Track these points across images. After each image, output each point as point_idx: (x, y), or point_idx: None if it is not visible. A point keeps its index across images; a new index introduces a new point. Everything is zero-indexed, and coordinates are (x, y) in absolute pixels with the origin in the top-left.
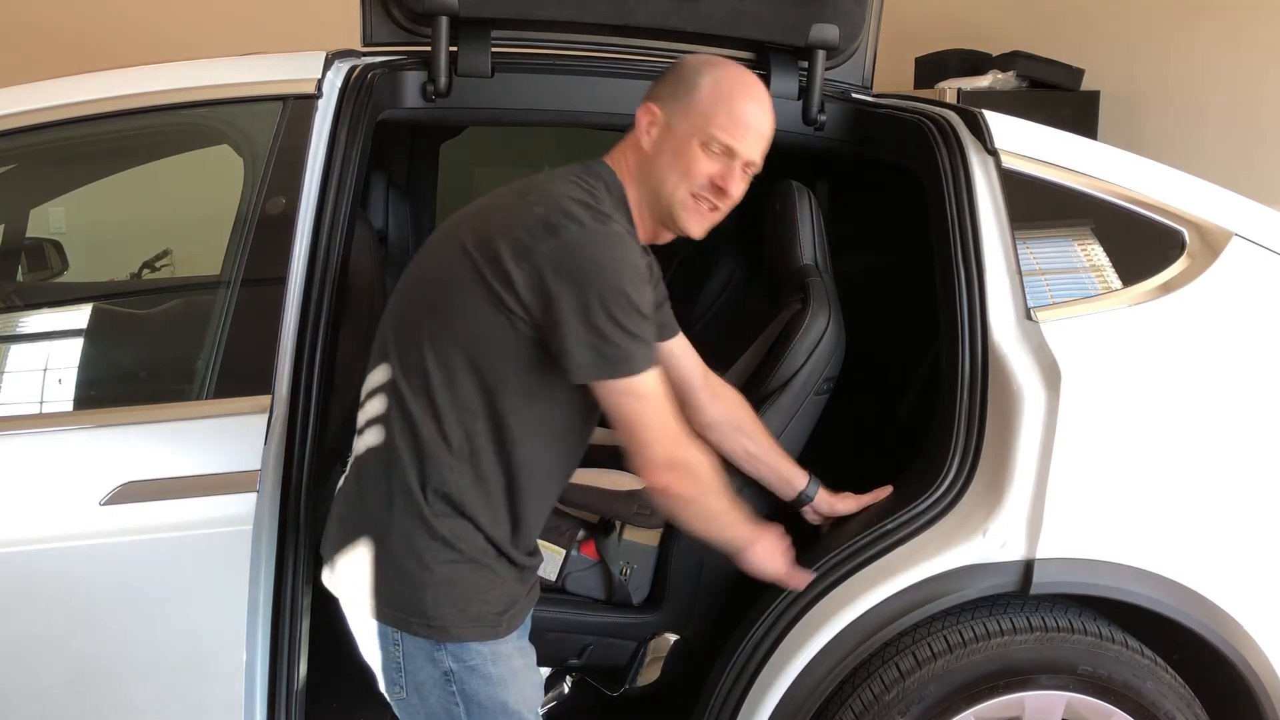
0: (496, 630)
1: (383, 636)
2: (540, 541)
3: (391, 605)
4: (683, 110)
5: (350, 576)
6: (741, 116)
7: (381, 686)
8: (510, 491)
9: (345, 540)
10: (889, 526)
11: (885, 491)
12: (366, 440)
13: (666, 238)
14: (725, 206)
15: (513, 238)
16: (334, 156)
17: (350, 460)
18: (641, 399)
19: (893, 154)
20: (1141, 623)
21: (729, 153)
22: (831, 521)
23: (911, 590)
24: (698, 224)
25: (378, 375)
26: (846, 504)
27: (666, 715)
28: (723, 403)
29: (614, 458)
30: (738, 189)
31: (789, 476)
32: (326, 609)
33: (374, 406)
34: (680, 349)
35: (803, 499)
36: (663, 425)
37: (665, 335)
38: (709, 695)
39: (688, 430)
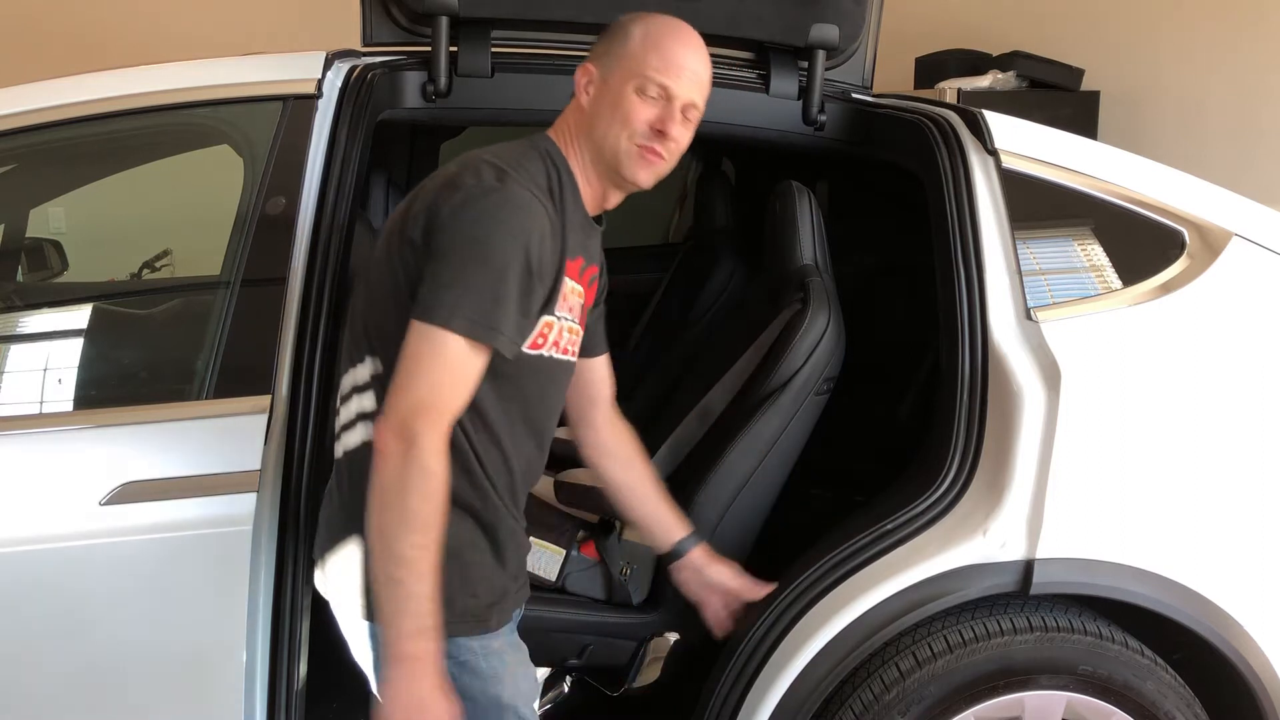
0: (486, 624)
1: (373, 636)
2: (540, 542)
3: None
4: (616, 61)
5: (338, 577)
6: (674, 58)
7: (374, 688)
8: (488, 472)
9: (332, 542)
10: (889, 526)
11: (769, 587)
12: (345, 442)
13: (616, 198)
14: (670, 154)
15: (424, 203)
16: (334, 156)
17: (334, 462)
18: (435, 353)
19: (893, 154)
20: (1141, 623)
21: (666, 94)
22: (730, 611)
23: (911, 590)
24: (645, 172)
25: (351, 376)
26: (723, 573)
27: (666, 715)
28: (620, 433)
29: None
30: (679, 133)
31: (669, 524)
32: (326, 609)
33: (350, 407)
34: (601, 366)
35: (676, 551)
36: (432, 391)
37: (593, 351)
38: (709, 695)
39: (444, 442)
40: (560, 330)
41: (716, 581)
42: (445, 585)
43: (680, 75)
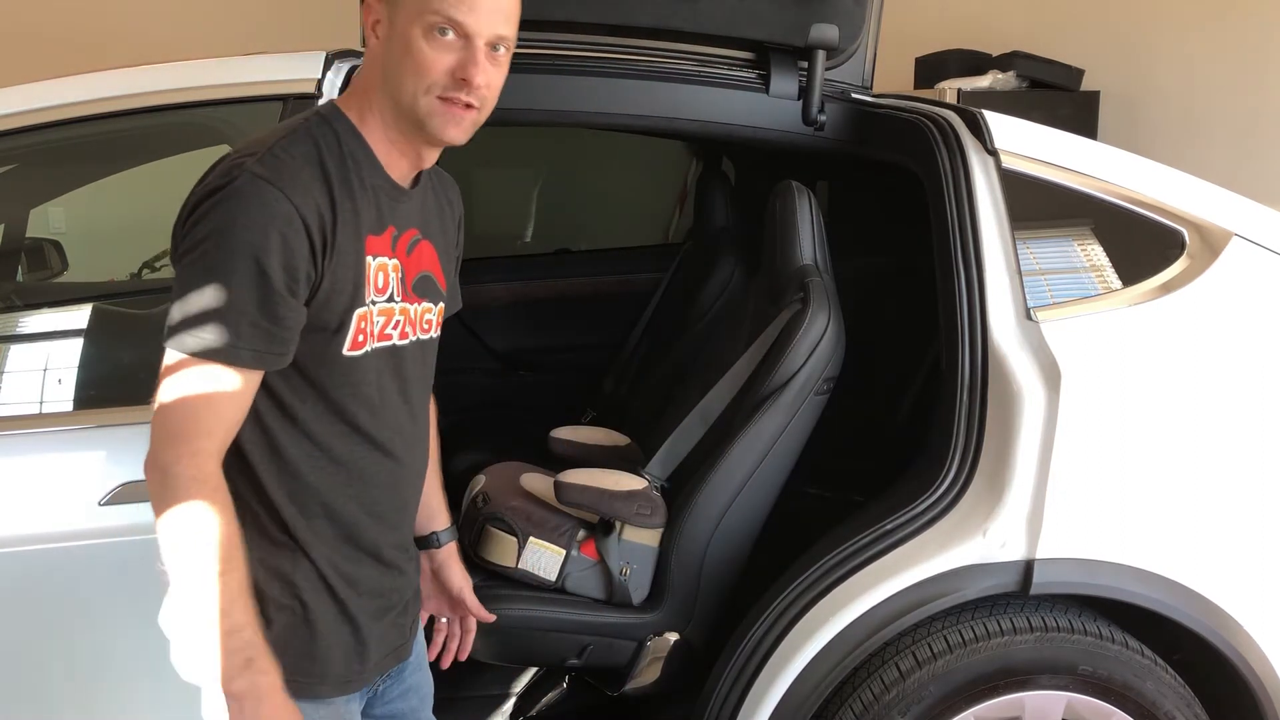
0: (314, 691)
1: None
2: (540, 542)
3: None
4: None
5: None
6: None
7: None
8: (306, 507)
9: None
10: (889, 526)
11: (489, 617)
12: None
13: (432, 155)
14: (483, 101)
15: (182, 207)
16: None
17: None
18: (178, 379)
19: (893, 154)
20: (1141, 623)
21: (461, 31)
22: (440, 625)
23: (911, 590)
24: (456, 129)
25: None
26: (458, 578)
27: (666, 715)
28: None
29: (612, 458)
30: (487, 76)
31: (433, 512)
32: None
33: None
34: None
35: (430, 541)
36: (181, 420)
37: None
38: (709, 695)
39: (206, 469)
40: (373, 318)
41: (449, 582)
42: (277, 637)
43: (476, 6)
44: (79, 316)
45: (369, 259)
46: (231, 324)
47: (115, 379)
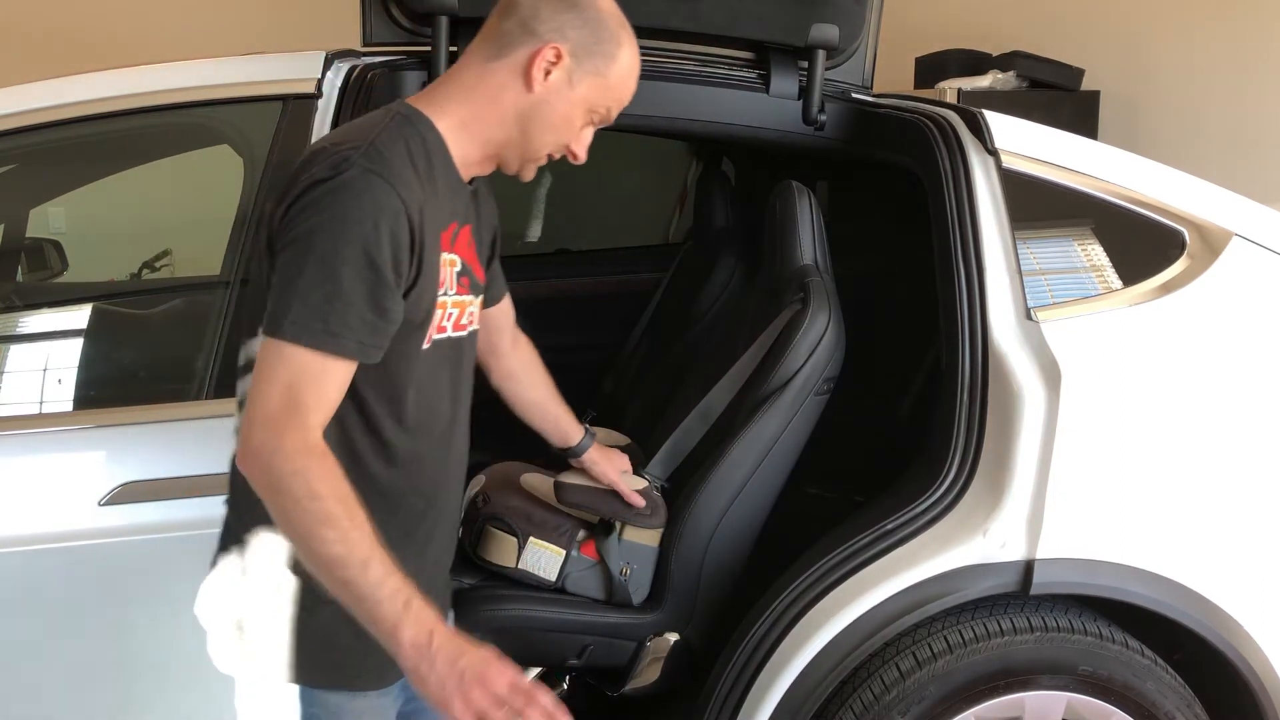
0: (352, 681)
1: (307, 702)
2: (540, 542)
3: None
4: (592, 77)
5: (233, 623)
6: (633, 90)
7: None
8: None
9: (222, 580)
10: (889, 526)
11: (637, 500)
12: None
13: (489, 167)
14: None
15: (274, 203)
16: None
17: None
18: (284, 367)
19: (893, 154)
20: (1141, 623)
21: (605, 121)
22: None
23: (912, 590)
24: (533, 174)
25: (243, 351)
26: (602, 474)
27: (666, 715)
28: (523, 356)
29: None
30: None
31: (567, 429)
32: None
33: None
34: (503, 307)
35: (575, 450)
36: (285, 404)
37: (496, 300)
38: (709, 695)
39: (310, 440)
40: (447, 309)
41: (600, 479)
42: (322, 626)
43: (625, 105)
44: (79, 316)
45: (442, 254)
46: (339, 315)
47: (115, 379)
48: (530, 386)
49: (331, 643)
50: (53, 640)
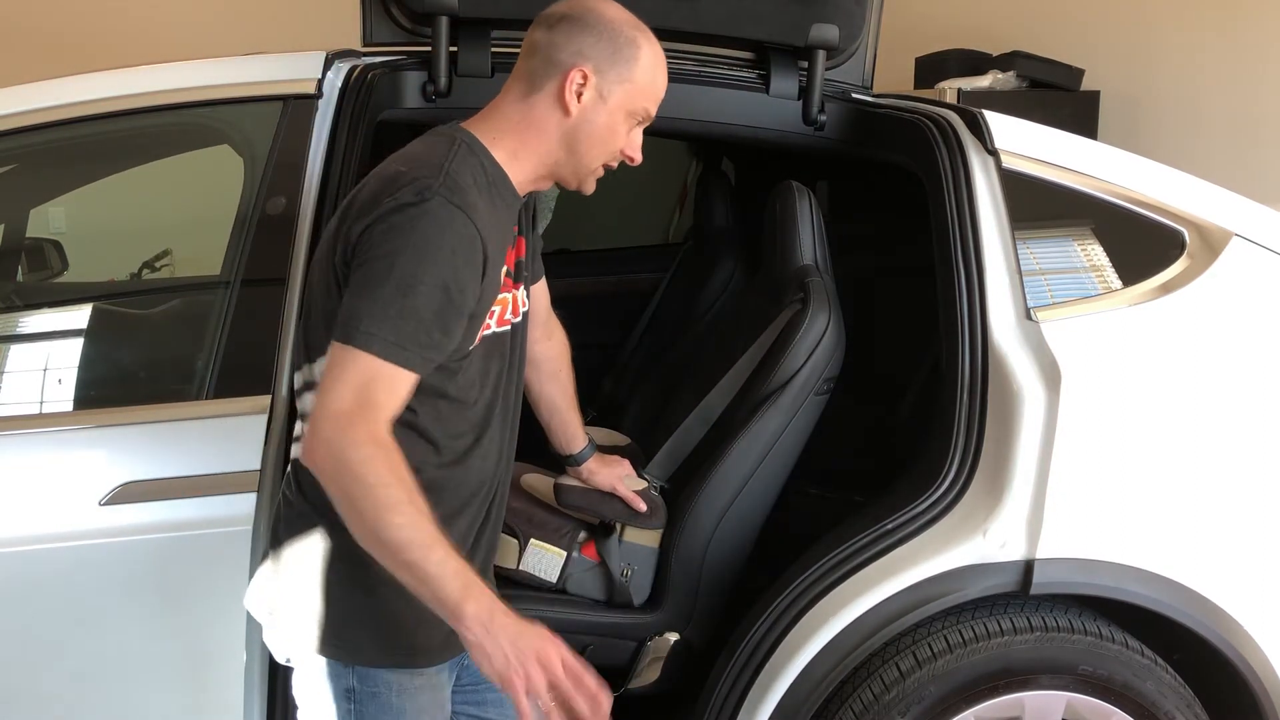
0: (413, 660)
1: (331, 677)
2: (541, 543)
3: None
4: (620, 85)
5: (286, 600)
6: (664, 82)
7: None
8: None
9: (279, 557)
10: (889, 526)
11: (640, 506)
12: (296, 449)
13: (546, 184)
14: None
15: (350, 222)
16: (334, 157)
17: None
18: (355, 371)
19: (893, 154)
20: (1141, 623)
21: (647, 118)
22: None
23: (911, 590)
24: (593, 187)
25: (300, 375)
26: (601, 480)
27: (666, 715)
28: (552, 346)
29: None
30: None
31: (573, 435)
32: None
33: (301, 405)
34: (539, 289)
35: (575, 458)
36: (356, 403)
37: (535, 279)
38: (709, 695)
39: (377, 431)
40: (497, 310)
41: (600, 486)
42: (382, 607)
43: (660, 101)
44: (79, 316)
45: (503, 268)
46: (410, 332)
47: (115, 379)
48: (548, 378)
49: (392, 623)
50: (53, 640)
